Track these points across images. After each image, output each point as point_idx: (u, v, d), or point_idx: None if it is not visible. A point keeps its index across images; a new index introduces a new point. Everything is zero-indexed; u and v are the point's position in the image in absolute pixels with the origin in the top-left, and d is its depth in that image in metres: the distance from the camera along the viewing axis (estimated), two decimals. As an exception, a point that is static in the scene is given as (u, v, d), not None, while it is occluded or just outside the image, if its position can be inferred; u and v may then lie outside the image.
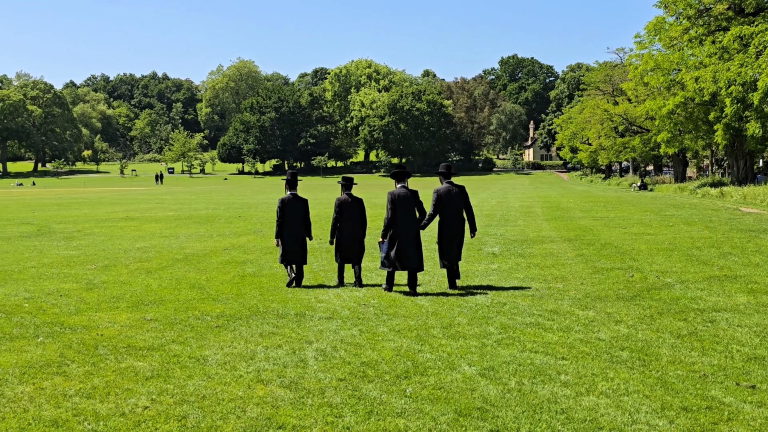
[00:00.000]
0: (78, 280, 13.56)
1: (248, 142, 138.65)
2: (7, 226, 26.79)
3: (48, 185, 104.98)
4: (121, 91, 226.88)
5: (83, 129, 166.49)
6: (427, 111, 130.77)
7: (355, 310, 10.34)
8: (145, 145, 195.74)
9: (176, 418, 5.98)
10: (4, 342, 8.63)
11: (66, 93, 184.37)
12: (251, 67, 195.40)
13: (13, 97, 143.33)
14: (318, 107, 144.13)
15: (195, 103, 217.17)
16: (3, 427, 5.82)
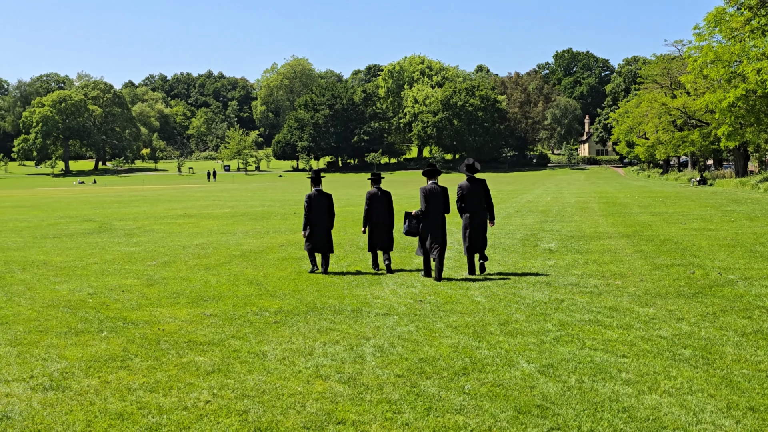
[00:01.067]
0: (139, 276, 13.84)
1: (302, 140, 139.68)
2: (71, 223, 27.47)
3: (108, 183, 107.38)
4: (178, 90, 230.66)
5: (142, 128, 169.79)
6: (481, 106, 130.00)
7: (411, 307, 10.34)
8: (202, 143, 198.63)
9: (237, 413, 6.06)
10: (70, 336, 8.86)
11: (125, 93, 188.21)
12: (305, 65, 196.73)
13: (74, 98, 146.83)
14: (371, 104, 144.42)
15: (250, 101, 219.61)
16: (71, 419, 5.97)
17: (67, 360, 7.77)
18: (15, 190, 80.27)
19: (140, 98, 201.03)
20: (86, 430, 5.74)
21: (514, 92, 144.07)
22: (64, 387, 6.82)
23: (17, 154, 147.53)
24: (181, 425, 5.81)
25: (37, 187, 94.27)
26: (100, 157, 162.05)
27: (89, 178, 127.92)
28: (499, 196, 43.34)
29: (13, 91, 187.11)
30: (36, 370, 7.41)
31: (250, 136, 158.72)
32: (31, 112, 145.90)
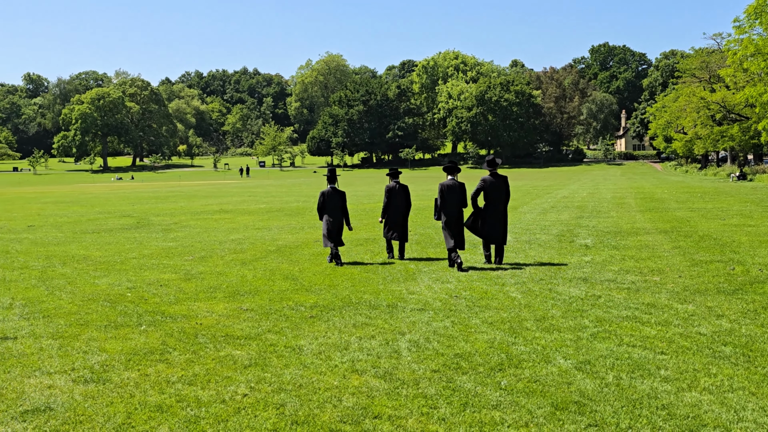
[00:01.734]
0: (176, 270, 13.99)
1: (337, 136, 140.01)
2: (109, 218, 27.86)
3: (146, 179, 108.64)
4: (213, 86, 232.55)
5: (178, 124, 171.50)
6: (516, 101, 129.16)
7: (446, 302, 10.33)
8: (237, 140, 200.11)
9: (274, 406, 6.11)
10: (110, 330, 8.99)
11: (162, 90, 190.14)
12: (339, 61, 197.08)
13: (112, 95, 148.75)
14: (405, 99, 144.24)
15: (285, 97, 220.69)
16: (111, 411, 6.06)
17: (108, 353, 7.88)
18: (55, 186, 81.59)
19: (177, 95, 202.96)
20: (126, 422, 5.82)
21: (550, 87, 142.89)
22: (104, 379, 6.93)
23: (57, 151, 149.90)
24: (219, 418, 5.87)
25: (76, 183, 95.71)
26: (137, 153, 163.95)
27: (127, 174, 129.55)
28: (534, 191, 43.08)
29: (53, 89, 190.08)
30: (77, 362, 7.53)
31: (284, 132, 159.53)
32: (70, 109, 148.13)
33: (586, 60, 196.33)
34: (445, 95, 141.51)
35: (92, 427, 5.73)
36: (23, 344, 8.32)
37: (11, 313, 10.17)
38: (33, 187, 78.03)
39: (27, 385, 6.81)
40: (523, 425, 5.62)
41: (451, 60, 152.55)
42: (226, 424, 5.75)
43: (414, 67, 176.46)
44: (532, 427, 5.59)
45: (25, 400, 6.38)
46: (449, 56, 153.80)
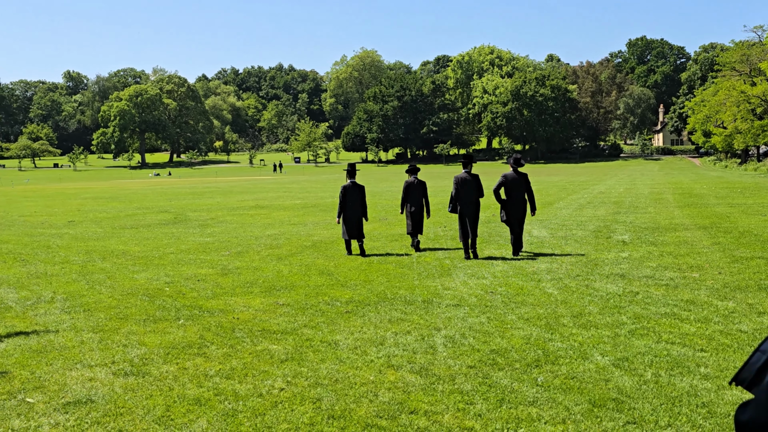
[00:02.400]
0: (213, 265, 14.13)
1: (371, 131, 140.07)
2: (147, 214, 28.20)
3: (183, 175, 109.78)
4: (249, 83, 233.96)
5: (215, 121, 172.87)
6: (551, 96, 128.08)
7: (482, 298, 10.29)
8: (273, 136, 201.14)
9: (311, 401, 6.14)
10: (149, 324, 9.11)
11: (198, 86, 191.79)
12: (374, 57, 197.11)
13: (150, 92, 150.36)
14: (440, 95, 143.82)
15: (320, 93, 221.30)
16: (151, 404, 6.15)
17: (147, 346, 7.99)
18: (94, 182, 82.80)
19: (213, 92, 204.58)
20: (166, 414, 5.90)
21: (586, 81, 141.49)
22: (144, 372, 7.03)
23: (96, 147, 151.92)
24: (257, 411, 5.92)
25: (114, 179, 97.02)
26: (174, 149, 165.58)
27: (164, 170, 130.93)
28: (569, 187, 42.73)
29: (92, 86, 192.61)
30: (117, 355, 7.64)
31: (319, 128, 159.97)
32: (109, 106, 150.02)
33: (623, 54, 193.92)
34: (480, 90, 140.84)
35: (132, 419, 5.82)
36: (65, 337, 8.47)
37: (53, 306, 10.36)
38: (73, 183, 79.26)
39: (69, 377, 6.93)
40: (560, 422, 5.59)
41: (486, 55, 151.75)
42: (263, 417, 5.80)
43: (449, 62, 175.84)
44: (569, 423, 5.56)
45: (67, 392, 6.50)
46: (484, 51, 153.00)
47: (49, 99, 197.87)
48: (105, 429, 5.63)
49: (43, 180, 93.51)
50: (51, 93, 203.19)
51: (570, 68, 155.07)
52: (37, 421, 5.81)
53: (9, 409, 6.08)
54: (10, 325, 9.19)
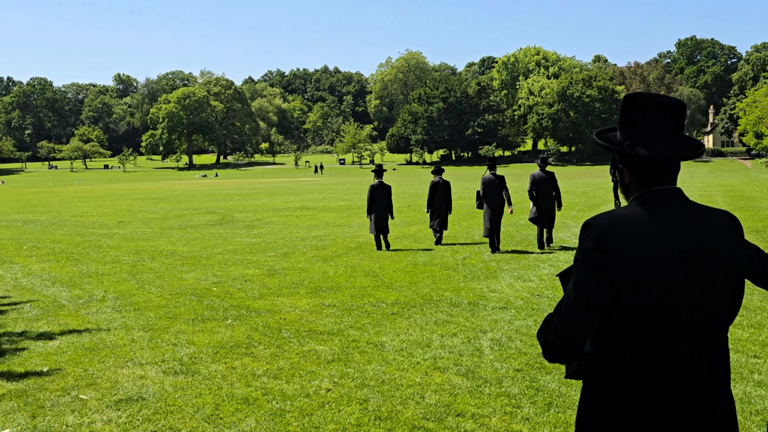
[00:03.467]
0: (260, 266, 14.26)
1: (416, 133, 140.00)
2: (195, 214, 28.58)
3: (229, 176, 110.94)
4: (295, 85, 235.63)
5: (261, 122, 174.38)
6: (598, 97, 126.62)
7: (528, 301, 10.22)
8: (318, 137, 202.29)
9: (358, 402, 6.17)
10: (198, 323, 9.24)
11: (245, 88, 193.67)
12: (419, 59, 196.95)
13: (198, 94, 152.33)
14: (485, 96, 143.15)
15: (364, 95, 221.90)
16: (200, 402, 6.24)
17: (195, 346, 8.10)
18: (143, 183, 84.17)
19: (259, 94, 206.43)
20: (215, 413, 5.98)
21: (633, 82, 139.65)
22: (193, 371, 7.13)
23: (145, 149, 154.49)
24: (304, 412, 5.96)
25: (163, 180, 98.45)
26: (221, 151, 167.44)
27: (211, 171, 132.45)
28: (617, 189, 42.16)
29: (141, 88, 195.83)
30: (167, 354, 7.76)
31: (364, 129, 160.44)
32: (157, 108, 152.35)
33: (672, 54, 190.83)
34: (525, 91, 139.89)
35: (182, 417, 5.90)
36: (116, 336, 8.63)
37: (104, 305, 10.56)
38: (122, 184, 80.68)
39: (120, 375, 7.06)
40: (609, 427, 5.52)
41: (532, 56, 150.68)
42: (310, 418, 5.84)
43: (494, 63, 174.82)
44: (618, 429, 5.49)
45: (119, 389, 6.62)
46: (530, 52, 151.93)
47: (100, 101, 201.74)
48: (156, 426, 5.73)
49: (94, 181, 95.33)
50: (102, 95, 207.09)
51: (617, 69, 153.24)
52: (90, 418, 5.93)
53: (63, 405, 6.22)
54: (63, 323, 9.39)
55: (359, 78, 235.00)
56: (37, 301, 11.00)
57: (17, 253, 17.20)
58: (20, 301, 11.04)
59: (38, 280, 13.00)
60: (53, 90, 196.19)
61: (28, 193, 56.40)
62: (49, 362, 7.55)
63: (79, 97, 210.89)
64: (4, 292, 11.96)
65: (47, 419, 5.90)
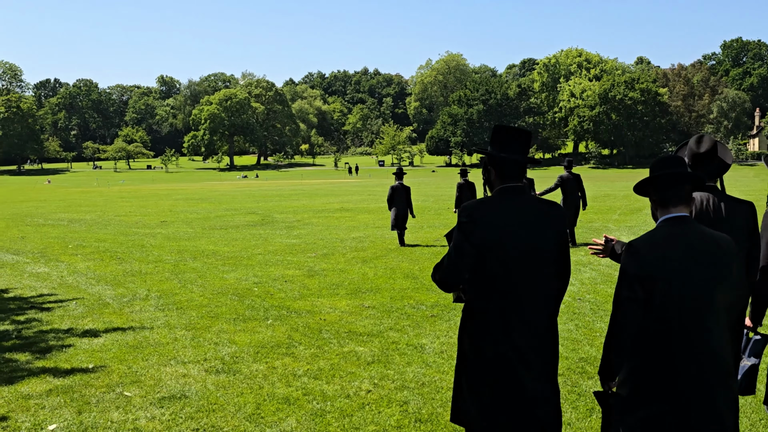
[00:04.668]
0: (300, 267, 14.34)
1: (456, 135, 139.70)
2: (236, 215, 28.84)
3: (269, 177, 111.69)
4: (335, 87, 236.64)
5: (301, 124, 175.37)
6: (641, 100, 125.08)
7: (570, 305, 10.13)
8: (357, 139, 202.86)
9: (398, 403, 6.17)
10: (239, 323, 9.32)
11: (285, 90, 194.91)
12: (459, 61, 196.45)
13: (239, 96, 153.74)
14: (526, 98, 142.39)
15: (404, 97, 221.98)
16: (242, 401, 6.30)
17: (237, 345, 8.18)
18: (185, 183, 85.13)
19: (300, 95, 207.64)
20: (256, 412, 6.03)
21: (677, 85, 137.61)
22: (234, 370, 7.20)
23: (187, 150, 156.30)
24: (344, 412, 5.99)
25: (204, 180, 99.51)
26: (261, 152, 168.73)
27: (252, 172, 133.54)
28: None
29: (183, 90, 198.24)
30: (209, 353, 7.85)
31: (403, 131, 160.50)
32: (199, 110, 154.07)
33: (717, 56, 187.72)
34: (567, 94, 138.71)
35: (224, 415, 5.97)
36: (159, 334, 8.75)
37: (147, 304, 10.71)
38: (165, 184, 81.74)
39: (163, 373, 7.16)
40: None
41: (573, 58, 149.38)
42: (350, 418, 5.86)
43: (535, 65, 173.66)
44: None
45: (162, 387, 6.72)
46: (572, 54, 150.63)
47: (143, 103, 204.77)
48: (198, 424, 5.80)
49: (137, 181, 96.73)
50: (145, 97, 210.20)
51: (660, 71, 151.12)
52: (134, 414, 6.02)
53: (108, 402, 6.33)
54: (107, 321, 9.55)
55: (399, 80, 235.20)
56: (82, 299, 11.20)
57: (63, 251, 17.53)
58: (66, 299, 11.25)
59: (83, 279, 13.23)
60: (98, 91, 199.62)
61: (73, 193, 57.43)
62: (94, 359, 7.68)
63: (123, 98, 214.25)
64: (51, 289, 12.20)
65: (93, 415, 6.00)
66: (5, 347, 8.29)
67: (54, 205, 39.67)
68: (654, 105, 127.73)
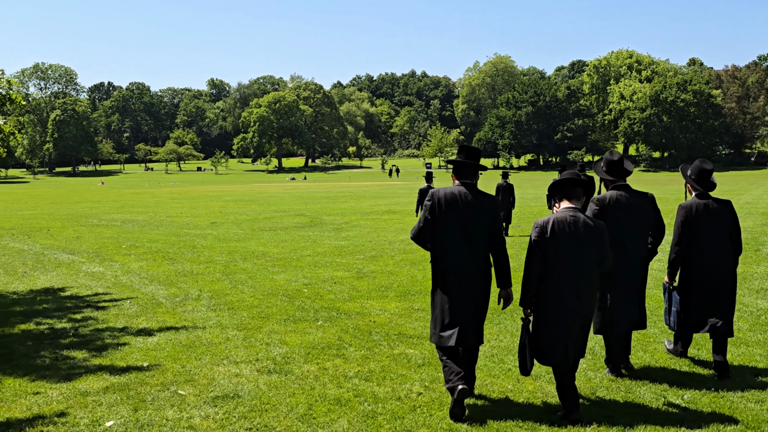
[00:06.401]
0: (349, 268, 14.39)
1: (503, 137, 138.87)
2: (285, 217, 29.07)
3: (317, 179, 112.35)
4: (383, 89, 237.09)
5: (348, 126, 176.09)
6: (693, 102, 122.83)
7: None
8: (405, 141, 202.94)
9: (449, 406, 6.15)
10: (289, 324, 9.40)
11: (333, 93, 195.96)
12: (507, 63, 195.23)
13: (287, 98, 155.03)
14: (575, 100, 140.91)
15: (452, 99, 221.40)
16: (293, 401, 6.34)
17: (288, 346, 8.24)
18: (234, 185, 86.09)
19: (347, 98, 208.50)
20: (308, 412, 6.07)
21: (731, 86, 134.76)
22: (286, 371, 7.25)
23: (236, 152, 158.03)
24: (396, 415, 5.99)
25: (253, 182, 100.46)
26: (309, 154, 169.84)
27: (300, 174, 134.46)
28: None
29: (233, 93, 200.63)
30: (260, 353, 7.93)
31: (451, 134, 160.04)
32: (249, 112, 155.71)
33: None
34: (617, 96, 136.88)
35: (276, 415, 6.02)
36: (211, 334, 8.87)
37: (199, 304, 10.86)
38: (215, 186, 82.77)
39: (216, 372, 7.25)
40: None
41: (624, 59, 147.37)
42: (402, 421, 5.86)
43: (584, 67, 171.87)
44: (719, 444, 5.31)
45: (216, 386, 6.80)
46: (622, 55, 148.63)
47: (194, 105, 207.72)
48: (251, 424, 5.86)
49: (188, 182, 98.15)
50: (196, 100, 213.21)
51: (713, 72, 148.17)
52: (188, 413, 6.11)
53: (163, 400, 6.43)
54: (161, 320, 9.71)
55: (447, 82, 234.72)
56: (136, 298, 11.40)
57: (117, 251, 17.86)
58: (120, 298, 11.47)
59: (137, 278, 13.47)
60: (150, 94, 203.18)
61: (126, 194, 58.52)
62: (149, 358, 7.82)
63: (174, 101, 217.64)
64: (105, 288, 12.45)
65: (148, 413, 6.11)
66: (63, 345, 8.49)
67: (107, 206, 40.46)
68: (707, 107, 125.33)
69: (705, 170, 7.40)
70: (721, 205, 7.28)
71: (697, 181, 7.42)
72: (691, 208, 7.25)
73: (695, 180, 7.43)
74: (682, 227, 7.27)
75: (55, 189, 78.72)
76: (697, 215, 7.20)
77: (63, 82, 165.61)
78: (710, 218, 7.19)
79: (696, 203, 7.26)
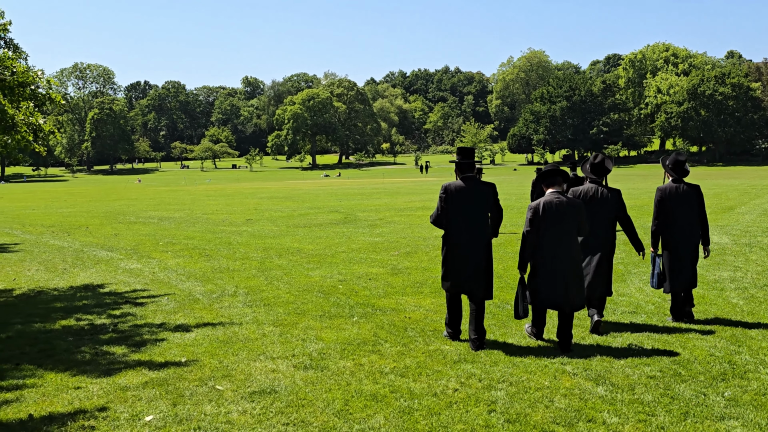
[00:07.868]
0: (383, 265, 14.41)
1: (538, 133, 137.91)
2: (319, 213, 29.18)
3: (351, 176, 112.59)
4: (416, 86, 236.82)
5: (382, 123, 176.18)
6: (732, 95, 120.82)
7: (660, 306, 9.89)
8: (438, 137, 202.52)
9: (485, 403, 6.14)
10: (325, 320, 9.43)
11: (367, 89, 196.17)
12: (542, 57, 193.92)
13: (321, 95, 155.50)
14: (611, 95, 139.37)
15: (485, 95, 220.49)
16: (330, 397, 6.37)
17: (324, 341, 8.28)
18: (269, 182, 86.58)
19: (381, 95, 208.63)
20: (344, 408, 6.09)
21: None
22: (322, 367, 7.29)
23: (270, 149, 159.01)
24: (432, 411, 5.99)
25: (287, 179, 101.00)
26: (343, 151, 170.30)
27: (333, 171, 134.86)
28: (752, 191, 40.15)
29: (267, 91, 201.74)
30: (297, 349, 7.97)
31: (485, 130, 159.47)
32: (283, 110, 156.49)
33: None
34: (653, 90, 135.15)
35: (313, 411, 6.05)
36: (248, 330, 8.94)
37: (236, 300, 10.95)
38: (250, 183, 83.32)
39: (253, 368, 7.31)
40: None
41: (660, 53, 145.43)
42: (438, 417, 5.86)
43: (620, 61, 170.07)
44: (761, 442, 5.23)
45: (253, 381, 6.85)
46: (659, 49, 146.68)
47: (228, 104, 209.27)
48: (288, 419, 5.89)
49: (223, 180, 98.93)
50: (230, 98, 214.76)
51: (753, 65, 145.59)
52: (226, 408, 6.16)
53: (201, 395, 6.50)
54: (198, 316, 9.81)
55: (480, 78, 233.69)
56: (173, 295, 11.53)
57: (154, 248, 18.07)
58: (158, 294, 11.61)
59: (174, 275, 13.62)
60: (186, 93, 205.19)
61: (162, 192, 59.16)
62: (186, 353, 7.90)
63: (209, 99, 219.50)
64: (143, 285, 12.61)
65: (187, 407, 6.17)
66: (103, 340, 8.62)
67: (144, 203, 40.94)
68: (746, 100, 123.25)
69: (679, 161, 9.22)
70: (691, 188, 9.06)
71: (673, 169, 9.18)
72: (666, 190, 9.05)
73: (671, 168, 9.21)
74: (659, 205, 9.08)
75: (93, 187, 79.85)
76: (670, 195, 9.02)
77: (101, 82, 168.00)
78: (680, 198, 8.97)
79: (670, 186, 9.06)
